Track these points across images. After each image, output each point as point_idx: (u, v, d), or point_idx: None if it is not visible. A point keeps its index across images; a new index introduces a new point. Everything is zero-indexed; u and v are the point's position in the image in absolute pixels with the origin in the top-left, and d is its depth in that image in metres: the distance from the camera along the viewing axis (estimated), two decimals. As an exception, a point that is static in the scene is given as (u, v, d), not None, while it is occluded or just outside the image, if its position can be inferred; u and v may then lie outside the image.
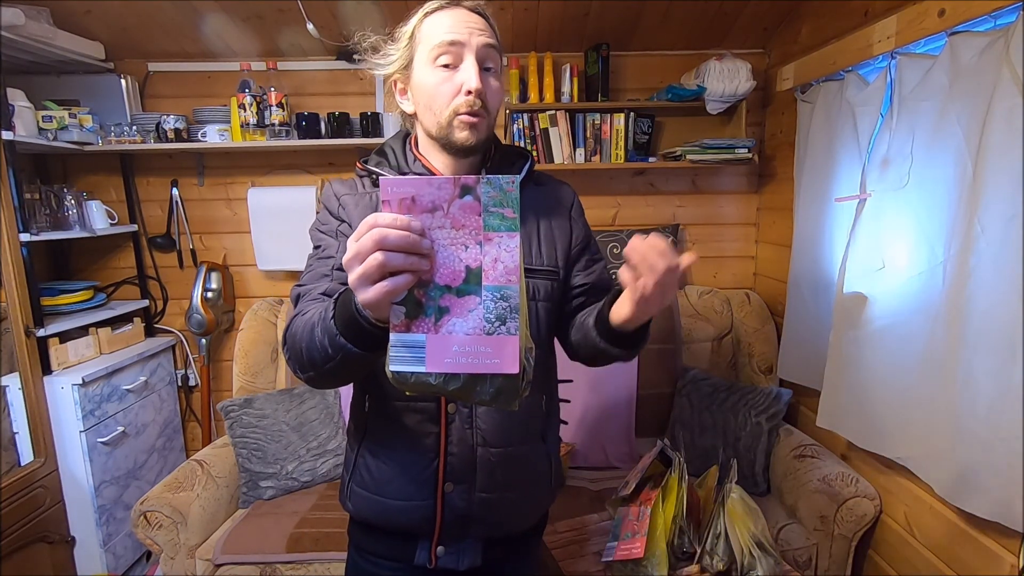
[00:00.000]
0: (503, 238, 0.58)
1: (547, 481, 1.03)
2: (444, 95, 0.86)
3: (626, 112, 2.19)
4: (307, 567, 1.63)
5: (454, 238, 0.58)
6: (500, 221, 0.58)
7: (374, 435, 0.97)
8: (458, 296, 0.59)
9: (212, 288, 2.33)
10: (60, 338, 1.97)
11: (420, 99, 0.89)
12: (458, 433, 0.92)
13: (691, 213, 2.47)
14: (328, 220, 0.95)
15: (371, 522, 0.98)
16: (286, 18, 2.01)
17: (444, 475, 0.92)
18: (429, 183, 0.57)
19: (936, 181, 1.39)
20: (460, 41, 0.84)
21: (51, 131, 1.97)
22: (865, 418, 1.62)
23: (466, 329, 0.59)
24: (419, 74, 0.88)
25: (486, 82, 0.86)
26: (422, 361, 0.60)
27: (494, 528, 0.97)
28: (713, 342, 2.21)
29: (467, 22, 0.86)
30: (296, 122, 2.18)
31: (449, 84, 0.86)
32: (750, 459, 1.90)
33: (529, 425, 0.98)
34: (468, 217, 0.58)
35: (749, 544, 1.38)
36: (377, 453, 0.96)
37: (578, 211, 1.04)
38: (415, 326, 0.60)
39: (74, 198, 2.09)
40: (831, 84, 1.79)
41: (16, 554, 1.76)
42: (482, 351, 0.59)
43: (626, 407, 2.12)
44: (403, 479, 0.94)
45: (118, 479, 2.09)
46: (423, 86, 0.88)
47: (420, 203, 0.58)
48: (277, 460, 1.92)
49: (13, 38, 1.79)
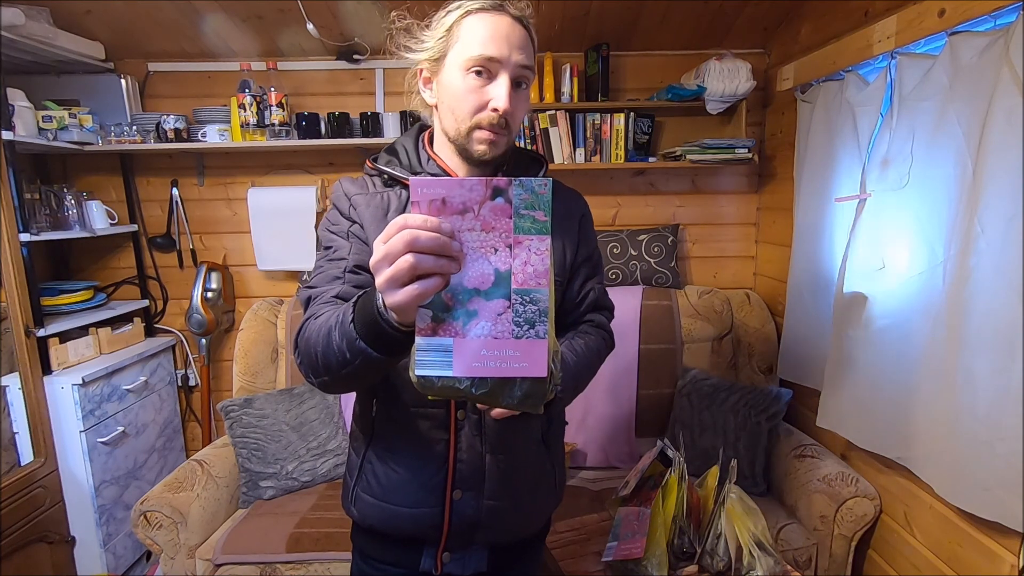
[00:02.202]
0: (533, 241, 0.57)
1: (552, 486, 1.04)
2: (470, 104, 0.84)
3: (626, 112, 2.19)
4: (307, 567, 1.63)
5: (484, 241, 0.58)
6: (531, 224, 0.57)
7: (382, 441, 0.96)
8: (487, 299, 0.58)
9: (212, 288, 2.33)
10: (60, 338, 1.97)
11: (445, 99, 0.87)
12: (468, 440, 0.91)
13: (691, 213, 2.47)
14: (339, 220, 0.93)
15: (377, 528, 0.97)
16: (286, 18, 2.01)
17: (453, 482, 0.92)
18: (460, 184, 0.56)
19: (936, 181, 1.39)
20: (498, 59, 0.82)
21: (51, 131, 1.97)
22: (865, 418, 1.62)
23: (494, 333, 0.59)
24: (449, 74, 0.86)
25: (515, 101, 0.85)
26: (449, 365, 0.59)
27: (501, 535, 0.97)
28: (713, 342, 2.21)
29: (509, 36, 0.83)
30: (296, 122, 2.18)
31: (478, 95, 0.84)
32: (750, 459, 1.90)
33: (536, 431, 0.98)
34: (499, 219, 0.57)
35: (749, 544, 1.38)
36: (385, 459, 0.95)
37: (588, 223, 1.03)
38: (442, 330, 0.59)
39: (74, 198, 2.09)
40: (831, 84, 1.79)
41: (16, 554, 1.76)
42: (510, 355, 0.59)
43: (626, 407, 2.12)
44: (411, 486, 0.93)
45: (118, 479, 2.09)
46: (451, 88, 0.85)
47: (451, 204, 0.57)
48: (277, 460, 1.92)
49: (13, 38, 1.79)
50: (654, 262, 2.33)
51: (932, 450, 1.39)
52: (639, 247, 2.33)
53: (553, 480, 1.03)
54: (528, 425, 0.96)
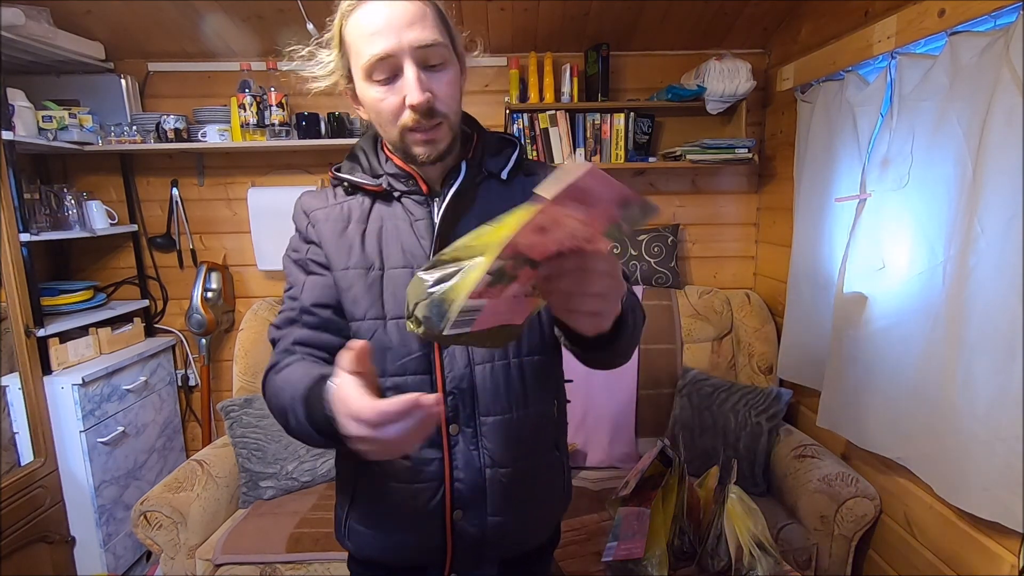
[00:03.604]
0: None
1: (561, 491, 0.98)
2: (388, 112, 0.77)
3: (626, 112, 2.19)
4: (307, 567, 1.62)
5: (575, 235, 0.54)
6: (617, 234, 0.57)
7: (372, 469, 0.88)
8: (531, 268, 0.58)
9: (212, 288, 2.33)
10: (60, 338, 1.97)
11: (369, 115, 0.82)
12: (463, 456, 0.85)
13: (691, 213, 2.47)
14: (299, 247, 0.89)
15: (375, 559, 0.92)
16: (286, 18, 2.01)
17: (452, 502, 0.86)
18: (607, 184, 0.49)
19: (936, 181, 1.39)
20: (389, 53, 0.73)
21: (51, 131, 1.97)
22: (865, 418, 1.62)
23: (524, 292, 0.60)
24: (360, 88, 0.79)
25: (433, 85, 0.76)
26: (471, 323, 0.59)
27: (509, 549, 0.92)
28: (713, 342, 2.21)
29: (394, 20, 0.73)
30: (296, 122, 2.18)
31: (390, 100, 0.76)
32: (750, 459, 1.90)
33: (541, 436, 0.92)
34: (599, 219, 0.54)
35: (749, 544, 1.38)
36: (376, 488, 0.89)
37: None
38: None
39: (74, 198, 2.09)
40: (831, 84, 1.79)
41: (16, 554, 1.76)
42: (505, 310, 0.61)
43: (626, 407, 2.12)
44: (407, 512, 0.87)
45: (118, 479, 2.09)
46: (367, 102, 0.79)
47: (587, 198, 0.49)
48: (277, 460, 1.92)
49: (13, 38, 1.79)
50: (654, 262, 2.33)
51: (932, 450, 1.39)
52: (639, 247, 2.33)
53: (562, 484, 0.98)
54: (532, 430, 0.89)
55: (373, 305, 0.84)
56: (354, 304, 0.84)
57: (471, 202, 0.86)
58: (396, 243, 0.85)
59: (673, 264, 2.34)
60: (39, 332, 1.88)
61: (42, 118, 1.96)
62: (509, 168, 0.89)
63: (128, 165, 2.34)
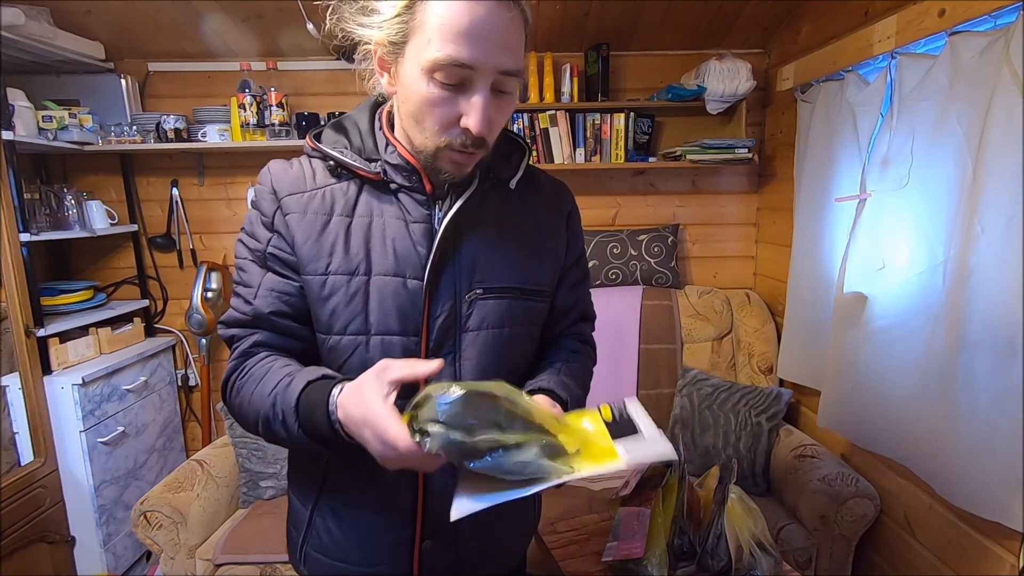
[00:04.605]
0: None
1: (532, 509, 0.95)
2: (436, 120, 0.67)
3: (626, 112, 2.19)
4: (307, 567, 1.62)
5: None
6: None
7: (335, 491, 0.80)
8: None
9: (212, 288, 2.33)
10: (60, 338, 1.97)
11: (406, 101, 0.70)
12: (439, 484, 0.77)
13: (691, 213, 2.47)
14: (257, 232, 0.75)
15: None
16: (286, 18, 2.01)
17: (422, 533, 0.79)
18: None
19: (936, 181, 1.39)
20: (472, 65, 0.63)
21: (51, 131, 1.97)
22: (865, 418, 1.62)
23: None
24: (410, 70, 0.66)
25: (495, 113, 0.68)
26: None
27: (481, 573, 0.86)
28: (713, 342, 2.21)
29: (490, 29, 0.63)
30: (296, 122, 2.18)
31: (445, 110, 0.66)
32: (750, 459, 1.90)
33: None
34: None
35: (749, 544, 1.38)
36: (340, 513, 0.80)
37: (576, 221, 0.90)
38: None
39: (74, 198, 2.09)
40: (831, 84, 1.79)
41: (16, 554, 1.76)
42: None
43: (626, 407, 2.12)
44: (373, 542, 0.80)
45: (118, 479, 2.09)
46: (412, 92, 0.67)
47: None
48: (277, 460, 1.92)
49: (13, 38, 1.79)
50: (654, 262, 2.33)
51: (932, 450, 1.39)
52: (639, 247, 2.33)
53: (534, 507, 0.95)
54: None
55: (356, 318, 0.73)
56: (332, 316, 0.73)
57: (478, 210, 0.77)
58: (387, 245, 0.74)
59: (673, 264, 2.34)
60: (39, 332, 1.88)
61: (42, 118, 1.95)
62: (518, 178, 0.82)
63: (128, 165, 2.34)
